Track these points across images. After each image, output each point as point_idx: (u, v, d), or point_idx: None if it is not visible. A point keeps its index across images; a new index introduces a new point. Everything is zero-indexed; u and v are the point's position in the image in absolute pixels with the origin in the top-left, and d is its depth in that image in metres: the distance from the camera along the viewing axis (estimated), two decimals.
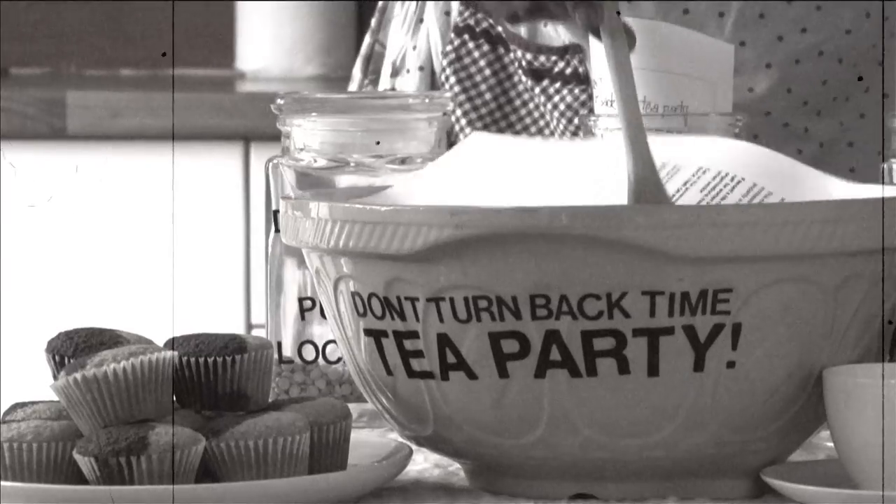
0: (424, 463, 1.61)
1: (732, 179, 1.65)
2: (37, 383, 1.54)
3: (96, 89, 3.29)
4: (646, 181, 1.67)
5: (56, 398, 1.52)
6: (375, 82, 2.24)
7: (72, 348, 1.54)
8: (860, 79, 2.13)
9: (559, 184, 1.68)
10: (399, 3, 2.25)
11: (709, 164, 1.67)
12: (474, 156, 1.74)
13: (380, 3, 2.29)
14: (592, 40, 1.84)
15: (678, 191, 1.65)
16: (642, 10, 2.07)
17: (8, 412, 1.54)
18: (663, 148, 1.68)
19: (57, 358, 1.54)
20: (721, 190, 1.64)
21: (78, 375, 1.49)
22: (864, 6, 2.12)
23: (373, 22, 2.30)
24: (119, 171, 3.17)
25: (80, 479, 1.48)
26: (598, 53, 1.83)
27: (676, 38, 1.82)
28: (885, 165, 1.77)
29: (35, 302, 3.05)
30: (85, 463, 1.47)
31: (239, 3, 3.57)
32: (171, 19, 3.62)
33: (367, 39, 2.28)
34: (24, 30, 3.70)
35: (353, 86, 2.30)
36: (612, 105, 1.81)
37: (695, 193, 1.65)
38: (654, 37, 1.81)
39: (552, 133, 2.11)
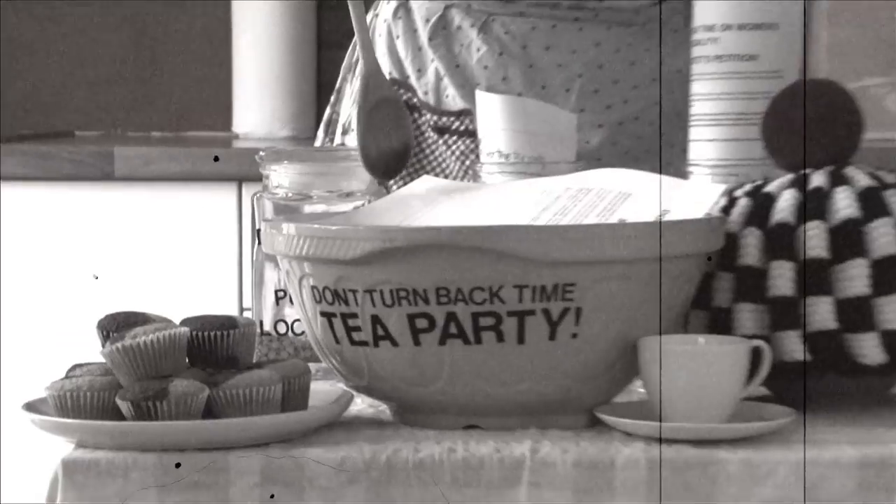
0: (362, 404, 1.61)
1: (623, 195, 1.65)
2: (89, 352, 1.53)
3: (134, 145, 3.26)
4: (370, 74, 1.75)
5: (103, 360, 1.51)
6: (332, 140, 2.23)
7: (115, 325, 1.54)
8: (661, 135, 2.13)
9: (474, 209, 1.68)
10: (349, 84, 2.23)
11: (610, 186, 1.67)
12: (421, 190, 1.74)
13: (337, 84, 2.27)
14: (479, 105, 1.84)
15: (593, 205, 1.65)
16: (513, 86, 2.06)
17: (70, 370, 1.54)
18: (584, 179, 1.69)
19: (104, 332, 1.54)
20: (614, 203, 1.65)
21: (119, 345, 1.49)
22: (669, 86, 2.12)
23: (332, 98, 2.28)
24: (151, 203, 3.15)
25: (120, 417, 1.47)
26: (482, 116, 1.83)
27: (536, 109, 1.82)
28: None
29: (87, 294, 3.03)
30: (123, 406, 1.47)
31: (235, 90, 3.54)
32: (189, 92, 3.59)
33: (328, 110, 2.26)
34: (84, 104, 3.67)
35: (317, 143, 2.29)
36: (494, 155, 1.81)
37: (603, 205, 1.66)
38: (520, 107, 1.81)
39: (451, 173, 2.11)
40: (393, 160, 1.79)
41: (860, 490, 1.42)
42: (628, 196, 1.64)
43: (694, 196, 1.63)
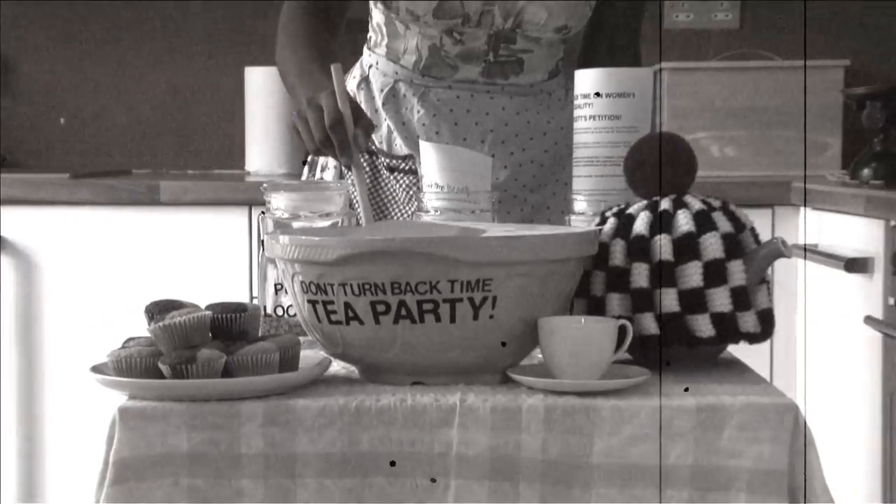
0: (337, 367, 1.59)
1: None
2: (138, 329, 1.49)
3: (174, 179, 3.22)
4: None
5: (149, 335, 1.48)
6: (314, 176, 2.20)
7: (157, 309, 1.52)
8: (553, 174, 2.12)
9: (417, 230, 1.67)
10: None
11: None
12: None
13: None
14: (421, 151, 1.82)
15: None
16: (443, 138, 2.04)
17: (125, 342, 1.52)
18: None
19: (149, 314, 1.52)
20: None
21: (160, 324, 1.47)
22: (556, 137, 2.10)
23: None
24: (186, 222, 3.11)
25: (160, 376, 1.45)
26: (423, 159, 1.81)
27: (461, 154, 1.81)
28: (567, 217, 1.77)
29: (138, 286, 3.00)
30: (164, 368, 1.45)
31: (247, 139, 3.51)
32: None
33: (310, 156, 2.23)
34: (137, 148, 3.63)
35: (303, 178, 2.26)
36: (432, 186, 1.80)
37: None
38: (450, 153, 1.80)
39: (399, 200, 2.09)
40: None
41: (698, 427, 1.41)
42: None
43: None
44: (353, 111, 1.82)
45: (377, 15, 2.11)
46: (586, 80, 1.78)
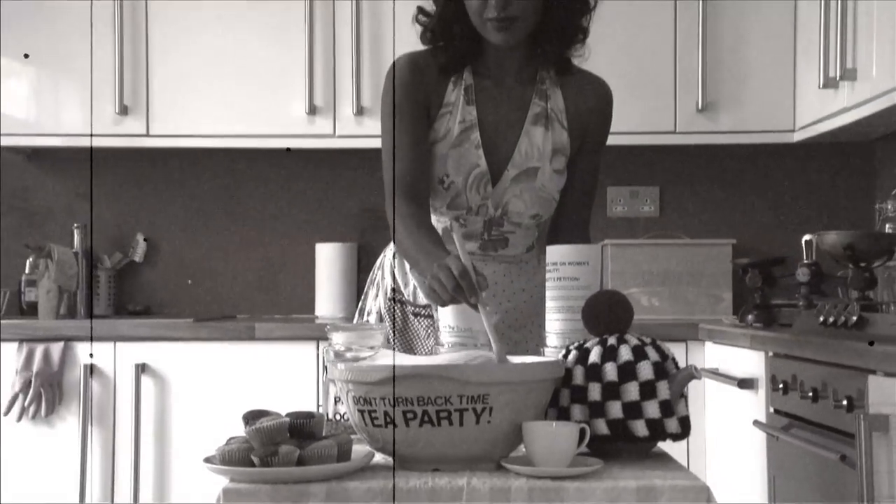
0: (378, 458, 1.54)
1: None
2: (237, 431, 1.46)
3: (265, 322, 3.21)
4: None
5: (245, 435, 1.44)
6: (362, 320, 2.17)
7: (251, 416, 1.49)
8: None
9: (435, 360, 1.64)
10: (371, 290, 2.18)
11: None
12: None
13: (364, 291, 2.21)
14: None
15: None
16: None
17: (228, 440, 1.48)
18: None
19: (245, 420, 1.48)
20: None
21: (253, 427, 1.44)
22: (534, 293, 2.07)
23: (362, 297, 2.21)
24: (274, 352, 3.09)
25: (252, 465, 1.41)
26: (439, 308, 1.78)
27: (465, 306, 1.78)
28: (542, 350, 1.73)
29: (238, 398, 2.96)
30: (255, 459, 1.42)
31: (316, 294, 3.49)
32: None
33: (360, 304, 2.20)
34: (238, 300, 3.61)
35: (355, 321, 2.22)
36: (446, 327, 1.77)
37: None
38: (459, 309, 1.77)
39: (421, 337, 2.05)
40: None
41: (638, 502, 1.37)
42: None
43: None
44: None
45: None
46: (555, 253, 1.76)
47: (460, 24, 1.92)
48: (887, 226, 2.67)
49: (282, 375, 3.05)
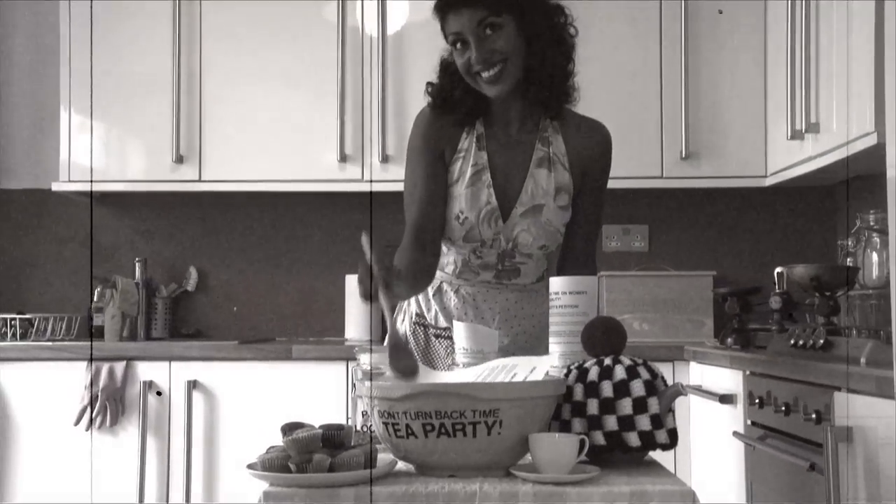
0: (401, 465, 1.52)
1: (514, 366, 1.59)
2: (276, 440, 1.44)
3: (300, 344, 3.20)
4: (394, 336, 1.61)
5: (283, 445, 1.43)
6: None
7: (287, 428, 1.47)
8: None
9: (452, 376, 1.62)
10: (399, 314, 2.16)
11: (511, 363, 1.60)
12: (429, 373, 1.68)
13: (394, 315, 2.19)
14: (455, 326, 1.77)
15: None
16: (468, 318, 2.00)
17: (268, 449, 1.47)
18: (500, 361, 1.63)
19: (283, 431, 1.47)
20: (512, 369, 1.58)
21: (289, 438, 1.43)
22: (538, 320, 2.05)
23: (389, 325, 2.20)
24: (309, 372, 3.07)
25: (289, 471, 1.40)
26: (456, 331, 1.77)
27: (479, 328, 1.77)
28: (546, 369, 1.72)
29: (277, 413, 2.94)
30: (292, 466, 1.40)
31: (346, 324, 3.47)
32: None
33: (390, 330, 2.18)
34: (276, 326, 3.60)
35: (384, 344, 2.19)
36: (461, 348, 1.75)
37: (508, 371, 1.59)
38: (472, 328, 1.76)
39: (440, 356, 2.04)
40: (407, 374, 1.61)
41: None
42: (516, 366, 1.60)
43: (547, 364, 1.59)
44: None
45: None
46: (557, 283, 1.75)
47: (460, 90, 1.94)
48: (848, 259, 2.66)
49: (315, 391, 3.03)
